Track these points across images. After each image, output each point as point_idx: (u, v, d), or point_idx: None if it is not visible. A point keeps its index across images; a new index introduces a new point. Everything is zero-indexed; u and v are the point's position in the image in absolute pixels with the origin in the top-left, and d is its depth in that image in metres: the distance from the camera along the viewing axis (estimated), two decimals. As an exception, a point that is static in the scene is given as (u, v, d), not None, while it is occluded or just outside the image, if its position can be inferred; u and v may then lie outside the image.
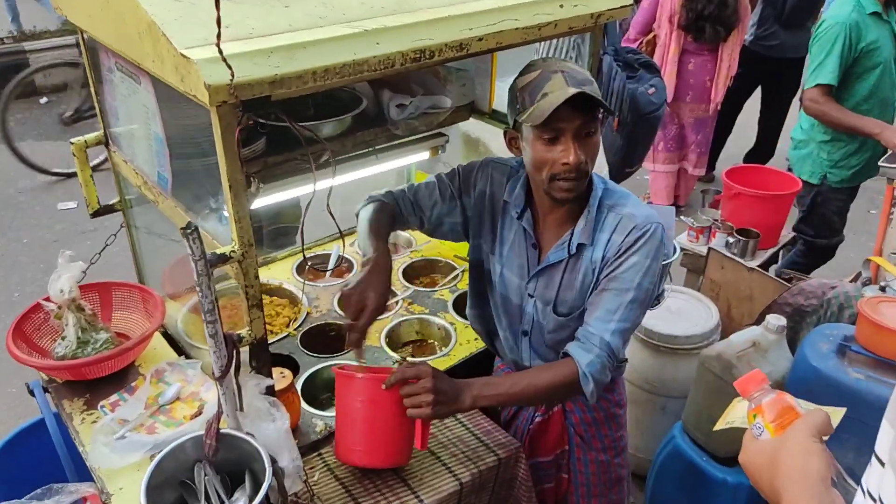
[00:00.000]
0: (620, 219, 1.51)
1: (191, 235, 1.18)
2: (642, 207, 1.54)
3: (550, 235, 1.60)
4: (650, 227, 1.49)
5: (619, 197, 1.55)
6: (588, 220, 1.53)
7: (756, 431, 0.92)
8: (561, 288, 1.58)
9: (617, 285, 1.48)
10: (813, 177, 3.40)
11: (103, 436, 1.61)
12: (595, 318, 1.49)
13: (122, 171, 1.87)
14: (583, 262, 1.55)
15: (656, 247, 1.49)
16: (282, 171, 1.83)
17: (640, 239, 1.48)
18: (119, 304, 2.02)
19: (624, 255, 1.48)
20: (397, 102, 1.94)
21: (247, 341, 1.41)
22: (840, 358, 2.14)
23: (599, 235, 1.53)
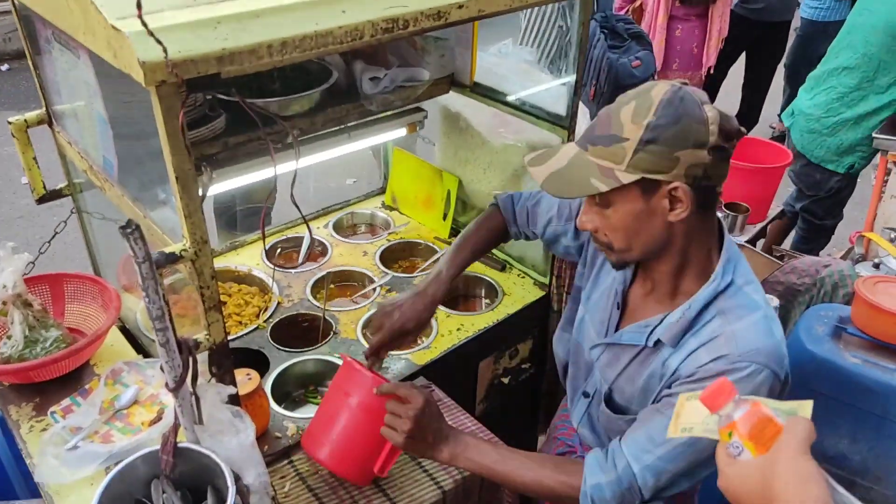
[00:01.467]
0: (720, 334, 1.14)
1: (131, 235, 1.03)
2: (759, 333, 1.13)
3: (641, 306, 1.30)
4: (744, 368, 1.10)
5: (742, 305, 1.16)
6: (684, 318, 1.18)
7: (734, 451, 0.80)
8: (622, 376, 1.29)
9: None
10: (840, 165, 3.24)
11: (53, 447, 1.47)
12: (633, 438, 1.17)
13: (67, 153, 1.70)
14: (656, 360, 1.23)
15: (746, 394, 1.07)
16: (245, 151, 1.67)
17: (723, 375, 1.07)
18: (72, 296, 1.86)
19: (697, 383, 1.13)
20: (371, 75, 1.79)
21: (204, 347, 1.27)
22: (836, 341, 2.07)
23: (689, 340, 1.18)
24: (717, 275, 1.18)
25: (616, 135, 1.10)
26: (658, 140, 1.07)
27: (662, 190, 1.10)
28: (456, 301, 2.17)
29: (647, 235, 1.15)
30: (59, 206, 1.95)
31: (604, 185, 1.10)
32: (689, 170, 1.07)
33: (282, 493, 1.44)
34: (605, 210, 1.16)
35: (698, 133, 1.06)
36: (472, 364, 1.97)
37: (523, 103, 1.94)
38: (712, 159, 1.07)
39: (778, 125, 5.66)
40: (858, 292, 1.99)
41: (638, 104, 1.09)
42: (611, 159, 1.10)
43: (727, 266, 1.19)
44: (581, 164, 1.14)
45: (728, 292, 1.18)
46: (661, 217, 1.13)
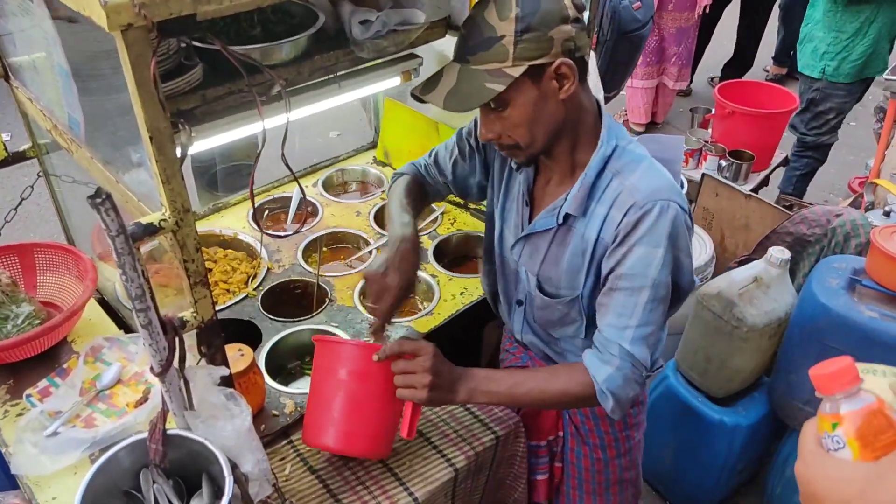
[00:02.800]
0: (621, 191, 1.21)
1: (102, 206, 0.90)
2: (653, 176, 1.22)
3: (546, 195, 1.35)
4: (652, 207, 1.17)
5: (630, 160, 1.24)
6: (583, 185, 1.25)
7: (831, 444, 0.69)
8: (545, 261, 1.34)
9: (627, 284, 1.20)
10: (813, 70, 3.31)
11: (30, 433, 1.36)
12: (608, 323, 1.23)
13: (29, 111, 1.54)
14: (573, 236, 1.29)
15: (666, 231, 1.18)
16: (225, 105, 1.52)
17: (641, 222, 1.18)
18: (45, 267, 1.72)
19: (624, 242, 1.20)
20: (361, 18, 1.62)
21: (192, 325, 1.14)
22: (850, 294, 1.99)
23: (596, 208, 1.24)
24: (602, 140, 1.25)
25: (491, 36, 1.12)
26: (530, 27, 1.11)
27: (548, 72, 1.14)
28: (456, 262, 2.06)
29: (547, 120, 1.19)
30: (29, 166, 1.79)
31: (500, 85, 1.13)
32: (563, 45, 1.13)
33: (282, 477, 1.34)
34: (503, 112, 1.19)
35: (560, 10, 1.12)
36: (476, 329, 1.86)
37: (527, 47, 1.78)
38: (576, 30, 1.14)
39: (772, 68, 5.52)
40: (875, 243, 1.92)
41: (497, 2, 1.12)
42: (496, 60, 1.13)
43: (609, 132, 1.26)
44: (470, 75, 1.15)
45: (615, 153, 1.25)
46: (554, 97, 1.17)
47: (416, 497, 1.32)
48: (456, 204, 2.17)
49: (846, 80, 3.27)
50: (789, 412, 2.12)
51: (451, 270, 1.92)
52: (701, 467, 2.31)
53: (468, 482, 1.41)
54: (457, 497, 1.41)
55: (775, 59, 5.48)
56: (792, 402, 2.08)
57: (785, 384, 2.10)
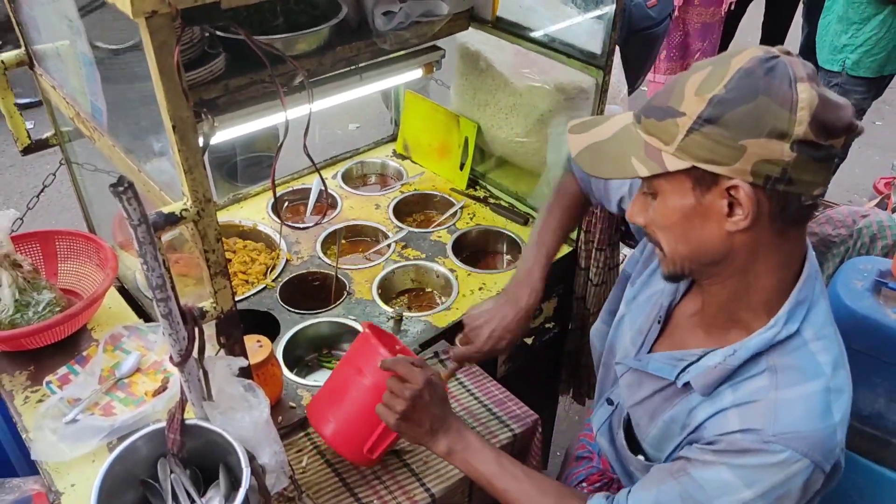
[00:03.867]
0: (760, 399, 0.92)
1: (124, 195, 0.89)
2: (810, 412, 0.89)
3: (685, 330, 1.08)
4: (778, 453, 0.88)
5: (801, 367, 0.92)
6: (724, 364, 0.96)
7: None
8: (641, 406, 1.10)
9: (688, 487, 0.94)
10: (833, 63, 3.26)
11: (50, 420, 1.36)
12: (640, 497, 1.00)
13: (52, 98, 1.54)
14: (683, 402, 1.02)
15: (775, 484, 0.89)
16: (247, 95, 1.51)
17: (751, 455, 0.89)
18: (66, 255, 1.73)
19: (718, 454, 0.92)
20: (384, 9, 1.61)
21: (211, 316, 1.14)
22: (876, 296, 1.95)
23: (724, 391, 0.96)
24: (779, 319, 0.93)
25: (672, 107, 0.85)
26: (719, 120, 0.82)
27: (720, 187, 0.85)
28: (476, 257, 2.04)
29: (699, 242, 0.91)
30: (52, 153, 1.80)
31: (644, 169, 0.88)
32: (757, 166, 0.82)
33: (299, 469, 1.34)
34: (651, 202, 0.94)
35: (777, 118, 0.80)
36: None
37: (552, 40, 1.76)
38: (797, 157, 0.81)
39: (797, 65, 5.43)
40: (903, 245, 1.87)
41: (712, 71, 0.84)
42: (660, 137, 0.87)
43: (797, 310, 0.93)
44: (626, 138, 0.91)
45: (789, 345, 0.93)
46: (717, 222, 0.88)
47: (432, 493, 1.31)
48: (475, 198, 2.16)
49: (866, 75, 3.21)
50: (811, 415, 2.09)
51: (471, 265, 1.90)
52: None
53: (485, 479, 1.40)
54: (474, 495, 1.40)
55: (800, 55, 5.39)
56: (814, 405, 2.05)
57: (807, 387, 2.06)
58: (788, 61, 0.83)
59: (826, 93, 0.83)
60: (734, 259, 0.92)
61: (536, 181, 2.05)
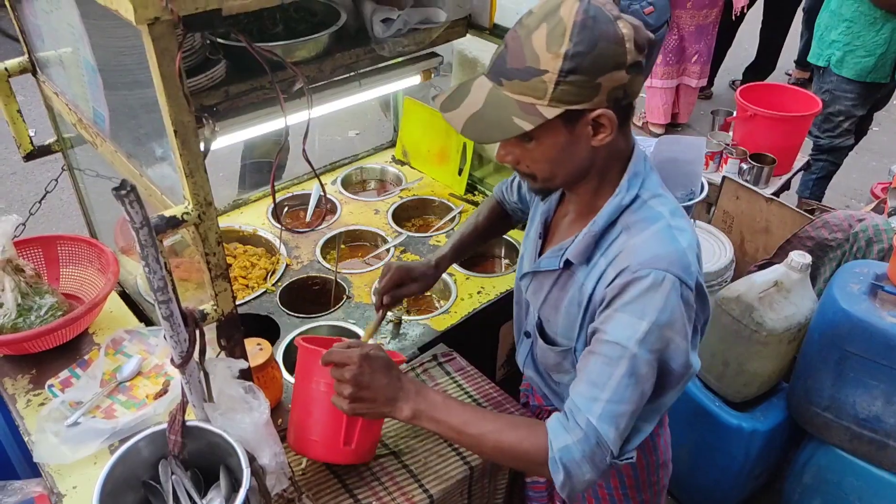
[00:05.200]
0: (623, 249, 1.09)
1: (126, 198, 0.91)
2: (660, 241, 1.07)
3: (560, 232, 1.25)
4: (645, 276, 1.04)
5: (645, 218, 1.11)
6: (589, 233, 1.13)
7: None
8: (545, 302, 1.23)
9: (604, 350, 1.06)
10: (819, 58, 3.29)
11: (52, 423, 1.38)
12: (579, 391, 1.08)
13: (54, 105, 1.56)
14: (573, 284, 1.17)
15: (656, 306, 1.03)
16: (248, 101, 1.53)
17: (628, 288, 1.05)
18: (67, 260, 1.74)
19: (610, 305, 1.07)
20: (382, 17, 1.63)
21: (212, 318, 1.16)
22: (872, 299, 1.97)
23: (599, 259, 1.12)
24: (621, 188, 1.12)
25: (533, 67, 0.99)
26: (578, 69, 0.98)
27: (586, 118, 1.02)
28: (475, 261, 2.06)
29: (571, 163, 1.09)
30: (53, 160, 1.82)
31: (528, 124, 1.01)
32: (611, 93, 1.00)
33: (299, 471, 1.35)
34: (526, 144, 1.07)
35: (616, 54, 0.98)
36: (492, 328, 1.86)
37: (548, 47, 1.78)
38: (631, 76, 1.00)
39: (795, 72, 5.46)
40: (897, 247, 1.89)
41: (550, 28, 0.98)
42: (531, 94, 1.00)
43: (633, 180, 1.13)
44: (499, 102, 1.03)
45: (633, 207, 1.12)
46: (585, 143, 1.06)
47: (431, 494, 1.32)
48: (473, 203, 2.17)
49: (849, 76, 3.20)
50: (808, 418, 2.10)
51: (469, 269, 1.92)
52: (717, 472, 2.29)
53: (484, 481, 1.41)
54: (473, 496, 1.41)
55: (798, 63, 5.42)
56: (810, 407, 2.06)
57: (804, 390, 2.07)
58: (600, 4, 0.99)
59: (629, 19, 1.00)
60: (596, 164, 1.11)
61: (534, 186, 2.07)
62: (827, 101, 3.31)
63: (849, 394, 1.96)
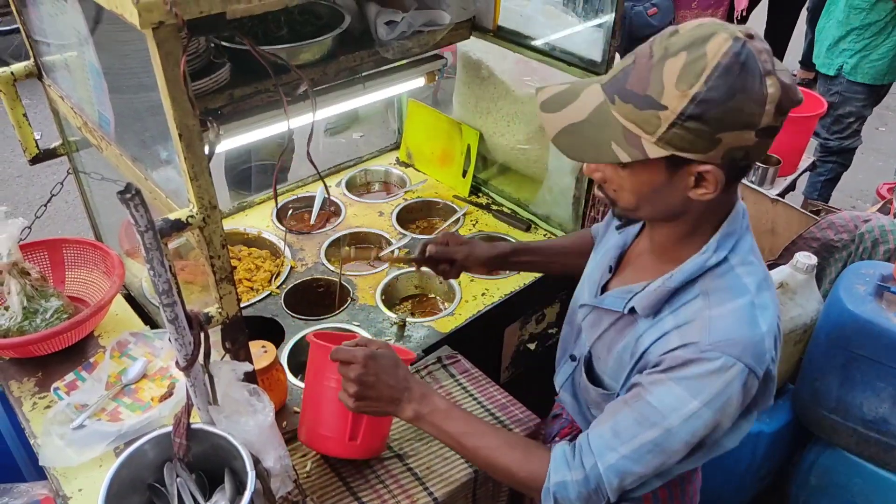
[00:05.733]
0: (696, 318, 1.00)
1: (131, 201, 0.91)
2: (739, 322, 0.98)
3: (632, 270, 1.18)
4: (714, 360, 0.96)
5: (730, 287, 1.01)
6: (664, 287, 1.05)
7: None
8: (599, 341, 1.17)
9: (642, 409, 1.00)
10: (829, 67, 3.28)
11: (58, 426, 1.38)
12: (599, 433, 1.05)
13: (60, 109, 1.57)
14: (632, 332, 1.10)
15: (716, 391, 0.96)
16: (252, 104, 1.54)
17: (691, 365, 0.97)
18: (73, 263, 1.75)
19: (665, 372, 1.00)
20: (386, 19, 1.63)
21: (217, 321, 1.16)
22: (878, 300, 1.96)
23: (667, 316, 1.04)
24: (709, 248, 1.02)
25: (653, 98, 0.89)
26: (702, 117, 0.87)
27: (691, 168, 0.93)
28: (479, 263, 2.05)
29: (660, 205, 1.01)
30: (59, 164, 1.82)
31: (626, 156, 0.93)
32: (728, 152, 0.90)
33: (303, 474, 1.35)
34: (619, 169, 0.99)
35: (751, 114, 0.87)
36: (497, 330, 1.86)
37: (552, 48, 1.78)
38: (758, 141, 0.89)
39: (799, 72, 5.45)
40: (905, 249, 1.88)
41: (689, 61, 0.87)
42: (641, 126, 0.91)
43: (725, 240, 1.02)
44: (604, 121, 0.95)
45: (718, 271, 1.02)
46: (682, 192, 0.97)
47: (435, 497, 1.31)
48: (477, 205, 2.17)
49: (864, 81, 3.21)
50: (814, 420, 2.09)
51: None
52: (723, 473, 2.28)
53: (489, 485, 1.41)
54: (478, 499, 1.41)
55: (802, 64, 5.41)
56: (817, 409, 2.05)
57: (810, 391, 2.06)
58: (755, 51, 0.88)
59: (783, 77, 0.89)
60: (689, 213, 1.02)
61: (538, 188, 2.07)
62: (836, 104, 3.31)
63: (855, 395, 1.95)
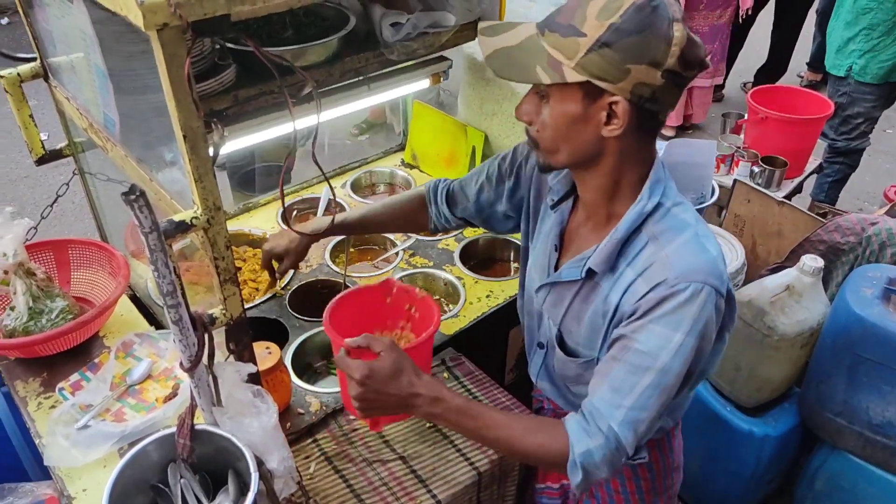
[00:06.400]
0: (654, 262, 1.07)
1: (136, 203, 0.91)
2: (692, 251, 1.06)
3: (578, 242, 1.23)
4: (684, 289, 1.03)
5: (672, 227, 1.09)
6: (612, 240, 1.11)
7: None
8: (567, 314, 1.22)
9: (632, 359, 1.05)
10: (838, 69, 3.26)
11: (62, 426, 1.39)
12: (601, 396, 1.08)
13: (66, 110, 1.57)
14: (597, 295, 1.15)
15: (692, 317, 1.03)
16: (257, 106, 1.53)
17: (666, 301, 1.03)
18: (78, 263, 1.76)
19: (643, 318, 1.05)
20: (391, 20, 1.63)
21: (221, 322, 1.16)
22: (885, 304, 1.95)
23: (626, 270, 1.11)
24: (642, 196, 1.10)
25: (575, 27, 0.99)
26: (614, 45, 0.97)
27: (603, 100, 1.01)
28: (485, 265, 2.05)
29: (577, 142, 1.08)
30: (65, 164, 1.83)
31: (547, 78, 1.02)
32: (636, 87, 0.99)
33: (307, 476, 1.35)
34: (542, 103, 1.07)
35: (657, 51, 0.97)
36: (501, 332, 1.86)
37: (557, 50, 1.77)
38: (664, 83, 0.98)
39: (807, 74, 5.42)
40: (912, 251, 1.87)
41: (609, 1, 0.98)
42: (562, 52, 1.00)
43: (655, 187, 1.11)
44: (532, 47, 1.04)
45: (656, 215, 1.11)
46: (595, 128, 1.05)
47: (438, 500, 1.31)
48: (483, 207, 2.17)
49: (873, 81, 3.19)
50: (820, 423, 2.08)
51: (478, 273, 1.92)
52: (729, 477, 2.27)
53: (493, 487, 1.41)
54: (482, 501, 1.40)
55: (810, 65, 5.39)
56: (823, 413, 2.04)
57: (816, 395, 2.05)
58: (669, 2, 0.98)
59: (690, 33, 0.98)
60: (605, 159, 1.09)
61: (543, 189, 2.07)
62: (845, 104, 3.29)
63: (862, 399, 1.94)
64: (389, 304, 1.50)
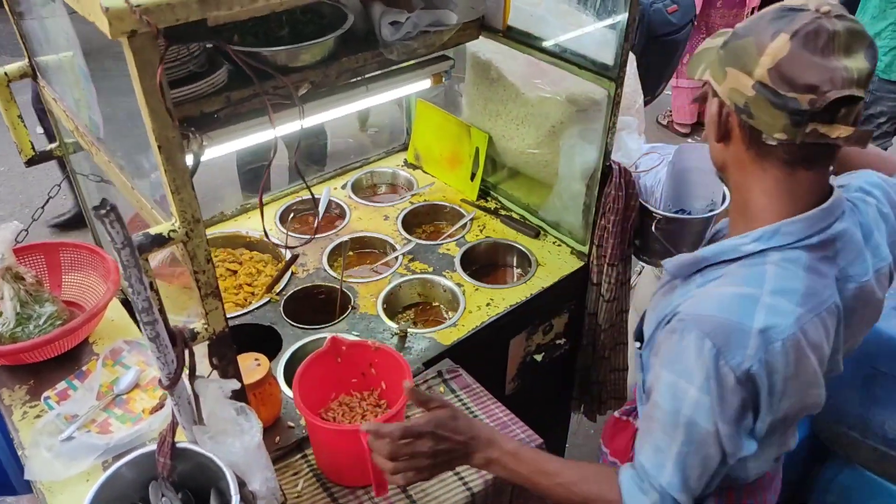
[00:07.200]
0: (698, 293, 1.02)
1: (106, 218, 0.86)
2: (729, 306, 0.95)
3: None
4: (681, 331, 0.96)
5: (744, 275, 0.99)
6: (695, 254, 1.08)
7: None
8: (650, 305, 1.19)
9: (661, 417, 1.00)
10: None
11: (46, 437, 1.35)
12: (646, 455, 1.03)
13: (54, 111, 1.53)
14: (671, 297, 1.10)
15: (693, 367, 0.94)
16: (250, 107, 1.48)
17: (668, 339, 0.99)
18: (70, 266, 1.72)
19: (658, 355, 1.03)
20: (391, 19, 1.57)
21: (203, 337, 1.11)
22: (903, 314, 1.87)
23: (692, 288, 1.06)
24: (751, 234, 1.01)
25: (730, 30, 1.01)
26: (725, 47, 0.99)
27: (715, 100, 1.02)
28: (485, 271, 1.99)
29: (710, 145, 1.08)
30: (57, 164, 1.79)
31: (697, 74, 1.05)
32: (731, 93, 0.97)
33: (294, 493, 1.31)
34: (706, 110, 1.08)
35: (748, 57, 0.94)
36: (502, 341, 1.80)
37: (563, 50, 1.71)
38: (755, 96, 0.93)
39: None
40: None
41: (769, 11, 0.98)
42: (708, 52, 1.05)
43: (773, 236, 0.99)
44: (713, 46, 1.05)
45: (749, 261, 1.00)
46: (714, 130, 1.04)
47: (430, 520, 1.27)
48: (486, 209, 2.11)
49: None
50: (832, 437, 2.01)
51: (478, 280, 1.86)
52: (736, 490, 2.21)
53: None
54: (474, 520, 1.36)
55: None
56: (836, 426, 1.97)
57: (830, 408, 1.97)
58: (798, 17, 0.91)
59: (805, 54, 0.90)
60: (730, 175, 1.06)
61: (548, 193, 2.00)
62: (868, 103, 3.20)
63: (877, 413, 1.87)
64: (340, 363, 1.42)
